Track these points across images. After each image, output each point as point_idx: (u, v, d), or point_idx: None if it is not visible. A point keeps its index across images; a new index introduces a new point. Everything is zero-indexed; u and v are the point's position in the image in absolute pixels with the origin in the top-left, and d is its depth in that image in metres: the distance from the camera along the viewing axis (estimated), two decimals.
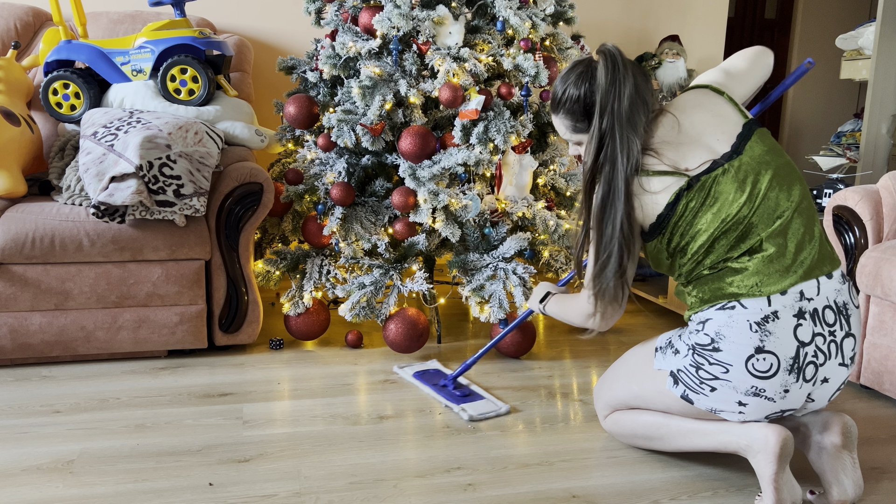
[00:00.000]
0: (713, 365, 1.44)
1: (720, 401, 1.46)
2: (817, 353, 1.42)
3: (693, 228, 1.44)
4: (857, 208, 2.15)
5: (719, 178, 1.43)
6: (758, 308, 1.40)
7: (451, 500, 1.52)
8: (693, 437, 1.56)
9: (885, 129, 2.84)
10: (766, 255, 1.42)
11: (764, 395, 1.43)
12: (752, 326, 1.40)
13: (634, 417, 1.67)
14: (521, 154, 2.36)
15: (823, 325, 1.42)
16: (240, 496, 1.52)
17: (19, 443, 1.73)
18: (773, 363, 1.40)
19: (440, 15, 2.28)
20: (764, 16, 5.74)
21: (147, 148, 2.12)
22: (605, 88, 1.43)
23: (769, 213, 1.43)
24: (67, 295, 2.16)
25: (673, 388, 1.52)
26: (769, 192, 1.43)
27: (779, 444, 1.41)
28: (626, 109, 1.42)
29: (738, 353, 1.41)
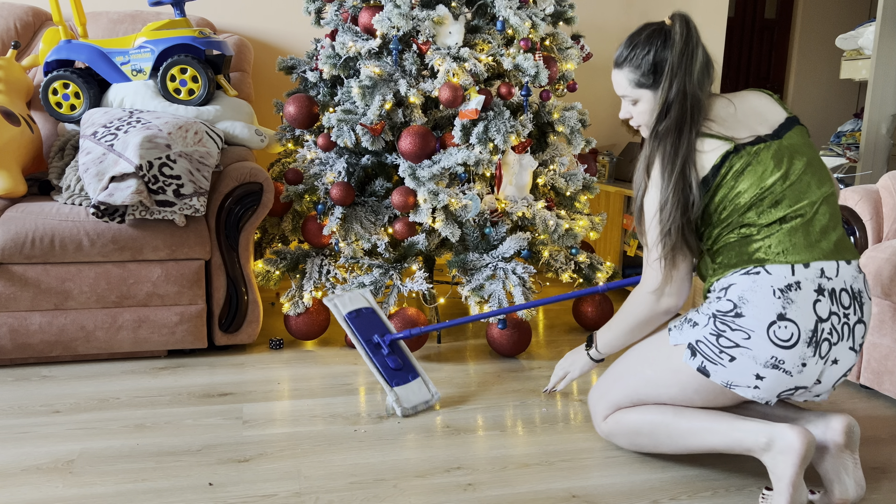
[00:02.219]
0: (735, 331, 1.43)
1: (738, 373, 1.44)
2: (832, 331, 1.44)
3: (733, 192, 1.47)
4: (857, 208, 2.15)
5: (761, 151, 1.48)
6: (782, 275, 1.42)
7: (451, 500, 1.52)
8: (704, 436, 1.52)
9: (885, 129, 2.84)
10: (794, 225, 1.46)
11: (783, 368, 1.42)
12: (776, 293, 1.42)
13: (639, 416, 1.61)
14: (521, 154, 2.36)
15: (840, 306, 1.45)
16: (240, 496, 1.52)
17: (19, 443, 1.73)
18: (794, 332, 1.41)
19: (440, 15, 2.28)
20: (764, 16, 5.74)
21: (147, 148, 2.12)
22: (680, 51, 1.48)
23: (800, 193, 1.48)
24: (67, 295, 2.16)
25: (690, 360, 1.49)
26: (803, 175, 1.49)
27: (804, 447, 1.40)
28: (698, 75, 1.49)
29: (760, 319, 1.41)
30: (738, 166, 1.46)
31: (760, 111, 1.55)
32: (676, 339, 1.53)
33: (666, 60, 1.51)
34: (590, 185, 2.58)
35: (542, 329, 2.72)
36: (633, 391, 1.62)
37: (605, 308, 2.66)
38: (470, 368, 2.29)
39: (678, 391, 1.54)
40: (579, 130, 2.51)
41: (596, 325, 2.68)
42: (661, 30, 1.54)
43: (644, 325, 1.62)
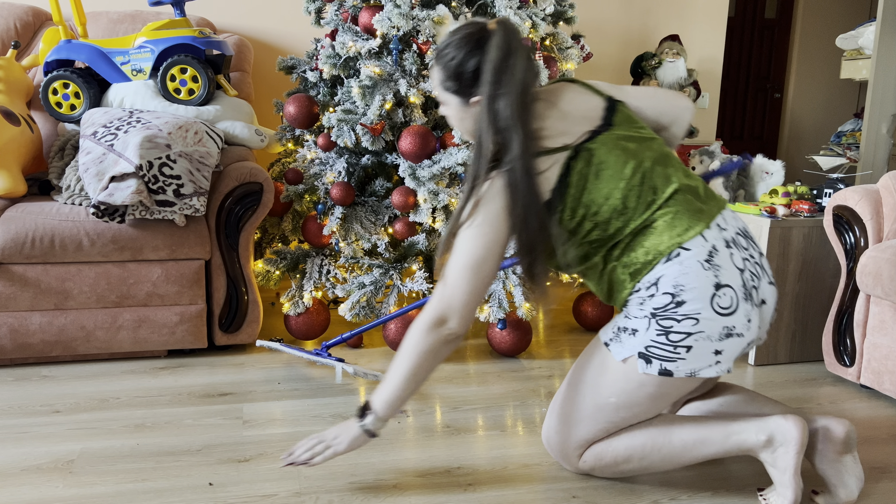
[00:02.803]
0: (682, 321, 1.39)
1: (698, 358, 1.41)
2: (752, 275, 1.44)
3: (598, 194, 1.41)
4: (858, 208, 2.15)
5: (601, 145, 1.43)
6: (700, 246, 1.40)
7: (451, 500, 1.52)
8: (700, 448, 1.48)
9: (885, 128, 2.84)
10: (679, 199, 1.43)
11: (735, 333, 1.41)
12: (704, 265, 1.39)
13: (624, 443, 1.51)
14: None
15: (743, 250, 1.46)
16: (240, 496, 1.52)
17: (19, 443, 1.73)
18: (731, 296, 1.40)
19: (440, 14, 2.28)
20: (764, 15, 5.74)
21: (147, 148, 2.12)
22: (499, 63, 1.36)
23: (665, 168, 1.46)
24: (67, 295, 2.16)
25: (648, 368, 1.42)
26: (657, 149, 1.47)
27: (802, 434, 1.40)
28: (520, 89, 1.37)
29: (701, 298, 1.38)
30: (586, 171, 1.41)
31: (581, 104, 1.48)
32: (622, 353, 1.45)
33: (470, 70, 1.40)
34: None
35: (542, 329, 2.72)
36: (606, 423, 1.50)
37: (606, 307, 2.66)
38: (470, 368, 2.29)
39: (651, 403, 1.48)
40: None
41: (596, 326, 2.68)
42: (480, 34, 1.40)
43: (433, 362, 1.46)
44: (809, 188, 2.46)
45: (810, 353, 2.43)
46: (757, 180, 2.56)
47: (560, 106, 1.47)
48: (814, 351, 2.43)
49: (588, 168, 1.42)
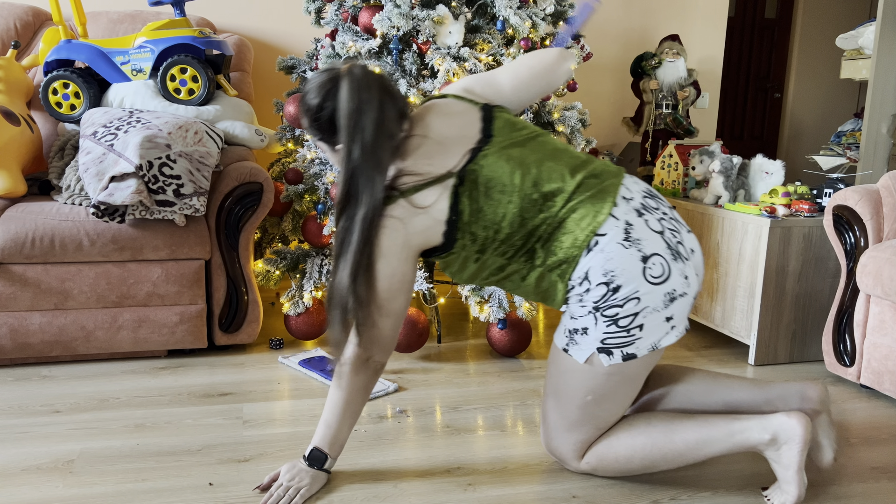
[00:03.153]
0: (625, 305, 1.39)
1: (653, 332, 1.42)
2: (672, 232, 1.45)
3: (494, 214, 1.41)
4: (858, 208, 2.15)
5: (484, 162, 1.41)
6: (614, 228, 1.40)
7: (451, 500, 1.52)
8: (704, 448, 1.48)
9: (885, 128, 2.84)
10: (580, 190, 1.43)
11: (678, 295, 1.42)
12: (624, 245, 1.40)
13: (625, 443, 1.51)
14: None
15: (654, 211, 1.46)
16: (240, 496, 1.52)
17: (19, 443, 1.73)
18: (661, 262, 1.40)
19: (440, 14, 2.28)
20: (764, 15, 5.74)
21: (147, 147, 2.12)
22: (348, 113, 1.35)
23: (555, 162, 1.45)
24: (67, 295, 2.16)
25: (611, 359, 1.42)
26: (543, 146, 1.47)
27: (806, 432, 1.41)
28: (370, 143, 1.35)
29: (633, 276, 1.39)
30: (476, 193, 1.40)
31: (455, 124, 1.46)
32: (582, 354, 1.45)
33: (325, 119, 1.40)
34: None
35: (542, 329, 2.72)
36: (593, 420, 1.51)
37: None
38: (470, 368, 2.29)
39: (628, 387, 1.48)
40: (579, 130, 2.51)
41: None
42: (330, 83, 1.39)
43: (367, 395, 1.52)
44: (809, 188, 2.46)
45: (810, 353, 2.43)
46: (757, 180, 2.56)
47: (432, 135, 1.44)
48: (814, 351, 2.43)
49: (476, 190, 1.41)
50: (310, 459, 1.53)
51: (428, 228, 1.42)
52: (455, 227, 1.41)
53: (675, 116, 3.24)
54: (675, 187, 2.83)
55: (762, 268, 2.31)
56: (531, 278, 1.47)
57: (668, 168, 2.86)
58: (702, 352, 2.51)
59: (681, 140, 3.11)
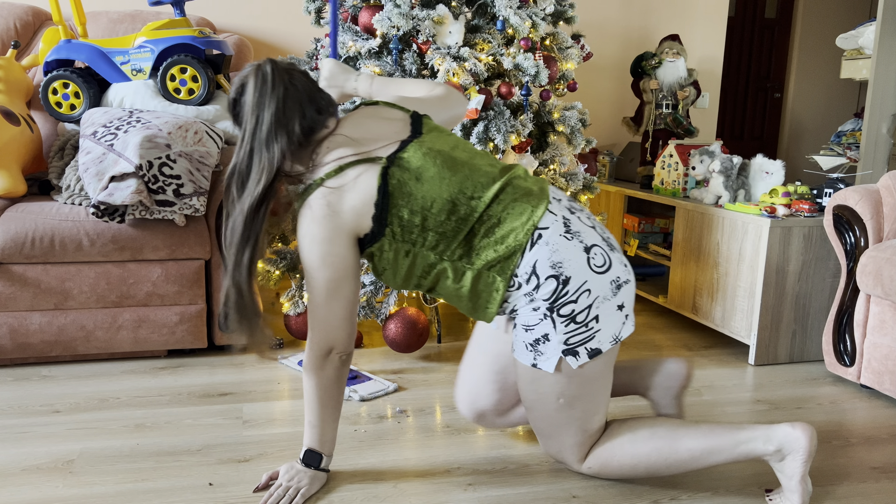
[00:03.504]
0: (578, 297, 1.39)
1: (609, 322, 1.42)
2: (601, 227, 1.51)
3: (425, 198, 1.40)
4: (858, 208, 2.15)
5: (414, 153, 1.42)
6: (554, 222, 1.42)
7: (451, 500, 1.52)
8: (708, 458, 1.47)
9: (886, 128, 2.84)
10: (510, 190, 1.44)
11: (621, 281, 1.44)
12: (567, 237, 1.41)
13: (629, 451, 1.50)
14: (522, 154, 2.35)
15: (580, 211, 1.51)
16: (240, 496, 1.51)
17: (19, 443, 1.73)
18: (600, 252, 1.43)
19: (440, 14, 2.28)
20: (764, 15, 5.73)
21: (147, 147, 2.12)
22: (251, 108, 1.39)
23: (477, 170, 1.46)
24: (67, 294, 2.16)
25: (579, 359, 1.42)
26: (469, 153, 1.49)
27: (812, 442, 1.42)
28: (264, 137, 1.38)
29: (580, 266, 1.40)
30: (406, 177, 1.40)
31: (382, 126, 1.48)
32: (551, 363, 1.43)
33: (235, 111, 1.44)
34: (590, 185, 2.58)
35: None
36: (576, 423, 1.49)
37: None
38: None
39: (600, 383, 1.48)
40: (580, 130, 2.51)
41: None
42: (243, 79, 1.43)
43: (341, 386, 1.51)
44: (809, 188, 2.46)
45: (810, 353, 2.43)
46: (757, 180, 2.56)
47: (359, 133, 1.46)
48: (814, 351, 2.43)
49: (407, 173, 1.40)
50: (305, 461, 1.53)
51: (357, 208, 1.39)
52: (384, 210, 1.39)
53: (676, 116, 3.24)
54: (675, 187, 2.83)
55: (762, 268, 2.31)
56: (466, 279, 1.44)
57: (669, 168, 2.86)
58: (702, 352, 2.51)
59: (681, 140, 3.11)
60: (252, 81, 1.40)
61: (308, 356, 1.48)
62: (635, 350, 2.50)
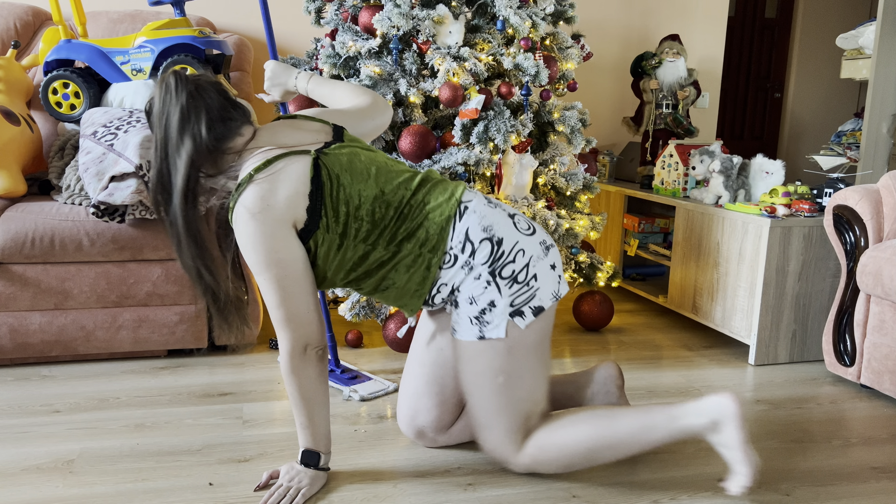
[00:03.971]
0: (516, 257, 1.46)
1: (546, 280, 1.48)
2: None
3: (353, 189, 1.43)
4: (858, 208, 2.14)
5: (339, 152, 1.47)
6: (475, 196, 1.52)
7: (451, 500, 1.52)
8: (647, 435, 1.46)
9: (886, 128, 2.84)
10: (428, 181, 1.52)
11: (549, 243, 1.53)
12: (490, 205, 1.51)
13: (569, 432, 1.48)
14: (522, 153, 2.35)
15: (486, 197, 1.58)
16: (240, 496, 1.51)
17: (19, 443, 1.73)
18: (523, 218, 1.54)
19: (440, 14, 2.28)
20: (764, 15, 5.73)
21: (147, 147, 2.12)
22: (157, 116, 1.42)
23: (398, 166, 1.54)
24: (67, 294, 2.16)
25: (525, 319, 1.44)
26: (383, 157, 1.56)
27: (738, 405, 1.43)
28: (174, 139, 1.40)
29: (508, 229, 1.48)
30: (336, 169, 1.43)
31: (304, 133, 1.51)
32: (499, 329, 1.44)
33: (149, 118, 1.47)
34: (590, 185, 2.58)
35: None
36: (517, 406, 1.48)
37: (606, 308, 2.66)
38: None
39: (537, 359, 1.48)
40: (580, 130, 2.51)
41: (596, 325, 2.68)
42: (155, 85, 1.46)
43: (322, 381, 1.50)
44: (809, 188, 2.46)
45: (810, 353, 2.43)
46: (757, 180, 2.56)
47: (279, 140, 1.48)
48: (814, 351, 2.43)
49: (337, 166, 1.44)
50: (304, 461, 1.53)
51: (291, 199, 1.39)
52: (318, 200, 1.40)
53: (676, 116, 3.24)
54: (675, 187, 2.83)
55: (762, 268, 2.31)
56: (398, 265, 1.46)
57: (669, 168, 2.86)
58: (702, 352, 2.51)
59: (681, 140, 3.10)
60: (157, 92, 1.42)
61: (283, 360, 1.46)
62: (635, 350, 2.51)
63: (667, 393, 2.12)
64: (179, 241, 1.43)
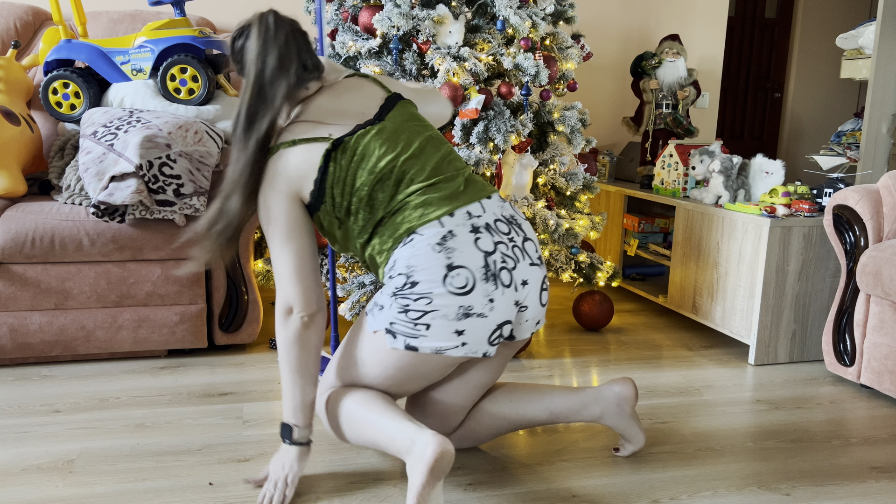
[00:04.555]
0: (417, 300, 1.42)
1: (440, 337, 1.43)
2: (505, 258, 1.46)
3: (352, 186, 1.49)
4: (858, 208, 2.15)
5: (362, 139, 1.50)
6: (434, 232, 1.44)
7: (451, 500, 1.52)
8: (372, 429, 1.46)
9: (886, 128, 2.84)
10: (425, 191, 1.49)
11: (474, 313, 1.43)
12: (435, 248, 1.43)
13: (344, 396, 1.53)
14: (521, 153, 2.35)
15: (500, 234, 1.48)
16: (240, 496, 1.52)
17: (19, 442, 1.73)
18: (467, 276, 1.42)
19: (440, 14, 2.28)
20: (764, 15, 5.73)
21: (147, 147, 2.12)
22: (254, 56, 1.46)
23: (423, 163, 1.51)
24: (67, 294, 2.16)
25: (394, 342, 1.46)
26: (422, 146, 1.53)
27: (434, 456, 1.30)
28: (267, 80, 1.46)
29: (433, 278, 1.42)
30: (345, 163, 1.48)
31: (361, 99, 1.57)
32: (374, 325, 1.50)
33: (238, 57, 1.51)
34: (590, 185, 2.58)
35: (542, 329, 2.71)
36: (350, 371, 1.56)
37: (605, 308, 2.66)
38: None
39: (403, 376, 1.50)
40: (580, 130, 2.51)
41: (596, 325, 2.68)
42: (247, 28, 1.50)
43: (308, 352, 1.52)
44: (809, 188, 2.46)
45: (810, 353, 2.43)
46: (757, 180, 2.56)
47: (333, 104, 1.55)
48: (814, 351, 2.44)
49: (345, 159, 1.48)
50: (282, 435, 1.55)
51: (301, 178, 1.49)
52: (321, 187, 1.49)
53: (676, 116, 3.24)
54: (675, 187, 2.83)
55: (762, 268, 2.31)
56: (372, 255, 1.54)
57: (669, 168, 2.86)
58: (702, 352, 2.51)
59: (681, 140, 3.10)
60: (256, 29, 1.46)
61: (275, 313, 1.58)
62: (635, 350, 2.51)
63: (667, 392, 2.13)
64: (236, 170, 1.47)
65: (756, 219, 2.33)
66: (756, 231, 2.34)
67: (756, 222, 2.34)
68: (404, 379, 1.52)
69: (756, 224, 2.34)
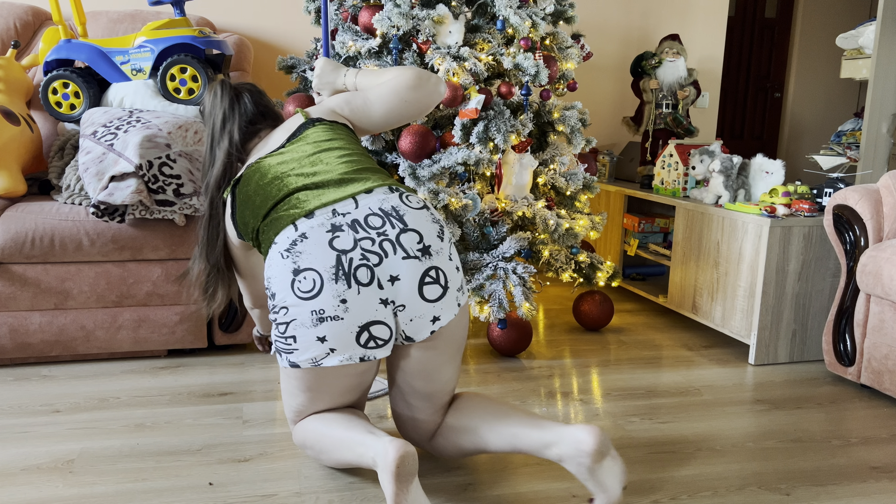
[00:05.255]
0: (279, 312, 1.42)
1: (308, 347, 1.41)
2: (366, 255, 1.40)
3: (243, 216, 1.58)
4: (858, 207, 2.15)
5: (250, 171, 1.59)
6: (285, 238, 1.43)
7: (451, 500, 1.52)
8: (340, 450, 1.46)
9: (886, 128, 2.84)
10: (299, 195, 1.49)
11: (327, 317, 1.38)
12: (283, 255, 1.42)
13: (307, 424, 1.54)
14: (521, 153, 2.35)
15: (368, 230, 1.42)
16: (240, 496, 1.52)
17: (19, 442, 1.73)
18: (314, 278, 1.38)
19: (440, 14, 2.28)
20: (764, 15, 5.73)
21: (147, 147, 2.12)
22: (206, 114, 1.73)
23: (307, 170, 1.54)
24: (67, 294, 2.16)
25: (282, 361, 1.47)
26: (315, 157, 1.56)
27: (395, 462, 1.27)
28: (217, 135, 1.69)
29: (283, 286, 1.40)
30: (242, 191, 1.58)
31: (280, 132, 1.66)
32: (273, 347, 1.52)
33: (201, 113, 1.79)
34: (590, 185, 2.58)
35: (542, 329, 2.71)
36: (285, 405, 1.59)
37: (606, 307, 2.66)
38: (470, 368, 2.29)
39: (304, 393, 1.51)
40: (579, 130, 2.51)
41: (596, 325, 2.68)
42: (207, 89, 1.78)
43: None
44: (809, 188, 2.46)
45: (810, 353, 2.43)
46: (757, 180, 2.56)
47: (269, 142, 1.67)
48: (814, 351, 2.44)
49: (242, 187, 1.59)
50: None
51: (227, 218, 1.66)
52: (234, 221, 1.62)
53: (676, 116, 3.24)
54: (675, 187, 2.83)
55: (762, 268, 2.31)
56: None
57: (669, 168, 2.86)
58: (702, 352, 2.51)
59: (681, 140, 3.10)
60: (207, 97, 1.74)
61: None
62: (636, 350, 2.51)
63: (667, 392, 2.13)
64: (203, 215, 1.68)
65: (756, 219, 2.33)
66: (756, 231, 2.34)
67: (756, 222, 2.34)
68: (320, 395, 1.50)
69: (756, 224, 2.34)
